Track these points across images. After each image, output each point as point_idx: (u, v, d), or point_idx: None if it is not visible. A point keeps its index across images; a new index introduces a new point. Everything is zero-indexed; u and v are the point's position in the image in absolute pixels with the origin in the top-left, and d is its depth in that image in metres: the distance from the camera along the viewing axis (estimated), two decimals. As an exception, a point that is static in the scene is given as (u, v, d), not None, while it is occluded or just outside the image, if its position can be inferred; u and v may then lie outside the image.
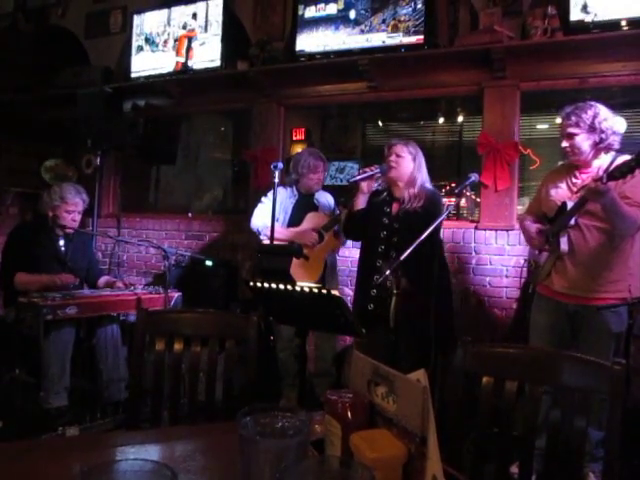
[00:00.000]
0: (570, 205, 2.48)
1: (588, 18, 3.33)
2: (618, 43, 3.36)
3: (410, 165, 2.82)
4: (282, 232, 3.40)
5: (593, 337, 2.48)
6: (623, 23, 3.26)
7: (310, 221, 3.46)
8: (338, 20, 4.08)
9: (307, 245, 3.34)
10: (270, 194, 3.46)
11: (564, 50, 3.51)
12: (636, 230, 2.44)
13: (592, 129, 2.47)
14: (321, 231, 3.39)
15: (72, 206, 3.36)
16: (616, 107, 2.68)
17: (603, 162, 2.52)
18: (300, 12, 4.23)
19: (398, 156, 2.82)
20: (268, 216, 3.28)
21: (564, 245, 2.48)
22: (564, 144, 2.55)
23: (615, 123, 2.52)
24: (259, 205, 3.55)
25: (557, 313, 2.59)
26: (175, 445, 1.23)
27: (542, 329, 2.63)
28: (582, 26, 3.35)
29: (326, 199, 3.63)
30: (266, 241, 3.35)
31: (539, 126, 4.18)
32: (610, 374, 1.33)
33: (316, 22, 4.17)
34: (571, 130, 2.51)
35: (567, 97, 3.85)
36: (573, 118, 2.50)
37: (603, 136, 2.48)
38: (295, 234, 3.41)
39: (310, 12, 4.20)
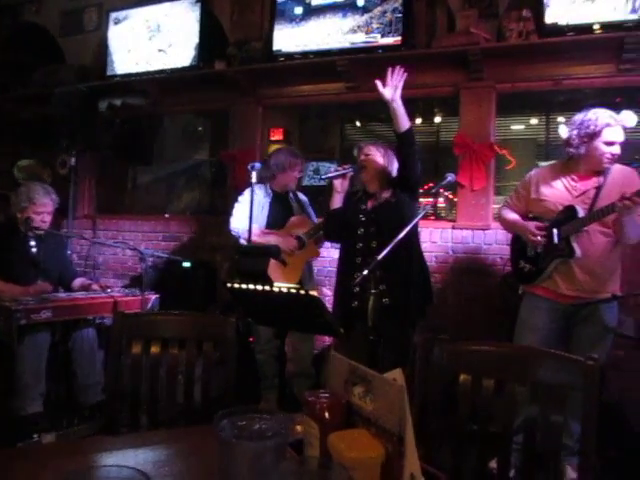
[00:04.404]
0: (580, 210, 2.51)
1: (562, 21, 3.39)
2: (591, 46, 3.42)
3: (380, 161, 2.86)
4: (262, 236, 3.37)
5: (591, 332, 2.55)
6: (596, 27, 3.32)
7: (294, 225, 3.46)
8: (346, 7, 4.03)
9: (285, 251, 3.34)
10: (246, 193, 3.43)
11: (539, 52, 3.56)
12: None
13: None
14: (303, 237, 3.38)
15: (41, 207, 3.30)
16: (589, 109, 2.70)
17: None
18: (307, 0, 4.18)
19: (367, 155, 2.86)
20: (247, 218, 3.26)
21: (579, 250, 2.52)
22: (618, 150, 2.53)
23: None
24: (236, 206, 3.51)
25: (557, 312, 2.62)
26: (154, 449, 1.22)
27: (537, 328, 2.63)
28: (556, 29, 3.41)
29: (305, 198, 3.66)
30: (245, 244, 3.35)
31: (514, 127, 4.23)
32: (584, 369, 1.35)
33: (323, 10, 4.11)
34: (623, 137, 2.52)
35: (542, 99, 3.92)
36: (622, 123, 2.51)
37: None
38: (275, 239, 3.39)
39: (317, 0, 4.14)
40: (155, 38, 4.78)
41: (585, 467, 1.36)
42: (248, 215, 3.18)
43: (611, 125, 2.49)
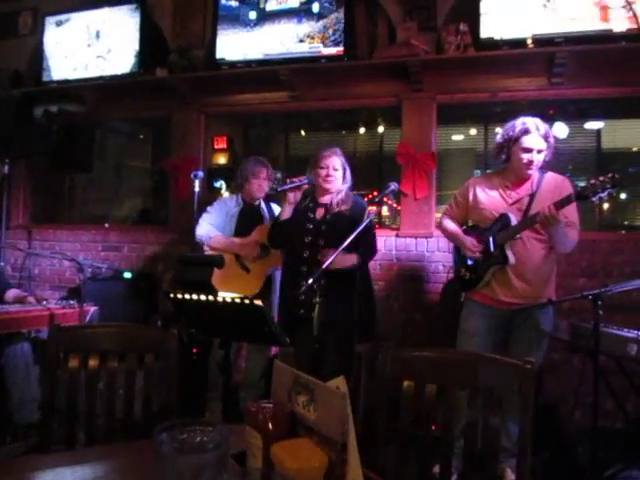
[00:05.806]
0: (513, 218, 2.58)
1: (497, 35, 3.52)
2: (524, 60, 3.58)
3: (339, 182, 2.86)
4: (224, 242, 3.36)
5: (528, 336, 2.62)
6: (529, 41, 3.47)
7: (259, 233, 3.42)
8: (301, 13, 4.01)
9: (247, 258, 3.31)
10: (216, 204, 3.49)
11: (476, 65, 3.69)
12: (574, 247, 2.60)
13: (549, 145, 2.58)
14: (267, 245, 3.35)
15: None
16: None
17: (534, 177, 2.65)
18: (262, 5, 4.14)
19: (335, 169, 2.84)
20: (213, 226, 3.33)
21: (512, 257, 2.58)
22: (536, 157, 2.56)
23: None
24: (204, 215, 3.48)
25: (495, 318, 2.68)
26: (91, 467, 1.18)
27: (477, 333, 2.68)
28: (492, 43, 3.55)
29: (278, 209, 3.62)
30: (209, 252, 3.32)
31: (454, 137, 4.35)
32: (521, 372, 1.40)
33: (278, 15, 4.07)
34: (544, 145, 2.56)
35: (480, 110, 4.06)
36: (544, 132, 2.55)
37: (549, 152, 2.60)
38: (237, 245, 3.36)
39: (271, 5, 4.10)
40: (94, 44, 4.65)
41: (522, 468, 1.40)
42: (216, 224, 3.25)
43: (529, 132, 2.55)
